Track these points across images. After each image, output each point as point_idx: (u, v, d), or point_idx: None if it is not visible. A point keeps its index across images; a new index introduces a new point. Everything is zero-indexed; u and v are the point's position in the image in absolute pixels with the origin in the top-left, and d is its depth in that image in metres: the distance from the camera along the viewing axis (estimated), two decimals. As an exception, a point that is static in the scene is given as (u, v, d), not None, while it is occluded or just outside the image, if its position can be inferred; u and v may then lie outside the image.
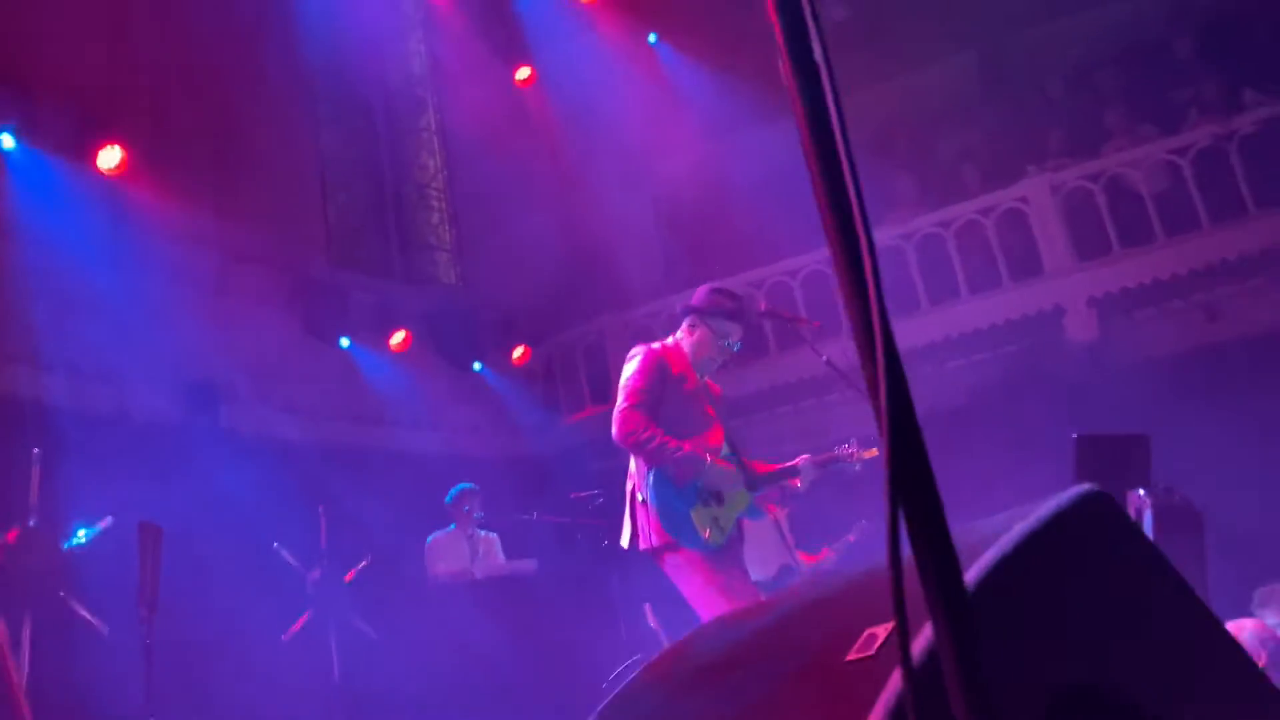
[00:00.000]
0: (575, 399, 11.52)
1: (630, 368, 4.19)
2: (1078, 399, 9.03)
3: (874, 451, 4.59)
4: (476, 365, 11.08)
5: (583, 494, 8.17)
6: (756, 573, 6.41)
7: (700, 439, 4.14)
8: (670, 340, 4.43)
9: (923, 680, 0.77)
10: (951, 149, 11.67)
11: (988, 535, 1.06)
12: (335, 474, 8.67)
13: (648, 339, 4.85)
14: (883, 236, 10.75)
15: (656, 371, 4.15)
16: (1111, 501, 1.16)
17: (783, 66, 1.01)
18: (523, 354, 11.44)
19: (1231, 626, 3.85)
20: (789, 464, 4.42)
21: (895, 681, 0.85)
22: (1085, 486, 1.16)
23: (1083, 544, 1.12)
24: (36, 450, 4.66)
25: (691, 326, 4.36)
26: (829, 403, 10.40)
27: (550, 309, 11.59)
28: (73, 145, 8.13)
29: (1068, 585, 1.09)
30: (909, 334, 10.33)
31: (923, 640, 0.87)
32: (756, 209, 11.28)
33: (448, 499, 7.80)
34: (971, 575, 0.97)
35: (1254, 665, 1.28)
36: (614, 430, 4.04)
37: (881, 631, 1.00)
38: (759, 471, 4.35)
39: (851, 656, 0.95)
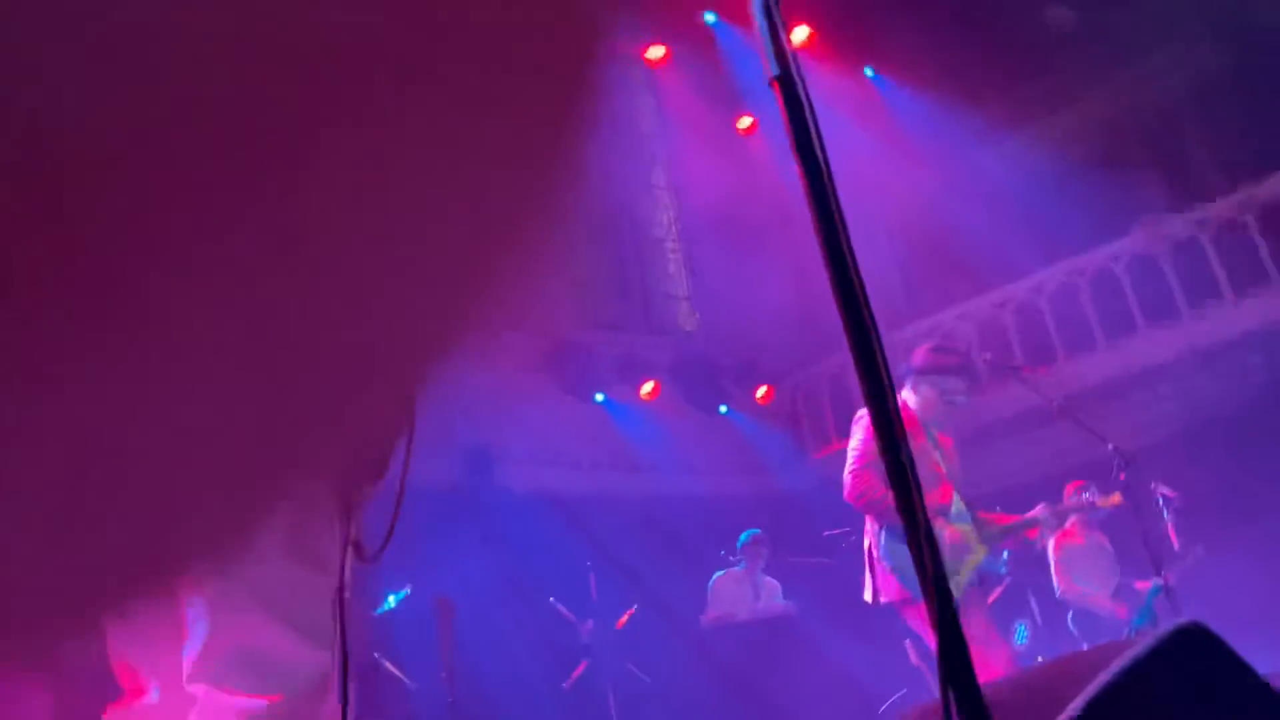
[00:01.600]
0: (821, 434, 11.69)
1: (858, 431, 4.39)
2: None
3: (1116, 498, 4.58)
4: (723, 408, 11.47)
5: (835, 531, 8.33)
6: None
7: (931, 496, 4.28)
8: (899, 397, 4.57)
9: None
10: (1195, 145, 11.02)
11: (1081, 674, 1.24)
12: (599, 522, 9.29)
13: (891, 370, 4.97)
14: (1134, 244, 10.34)
15: None
16: (1209, 634, 1.31)
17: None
18: (766, 393, 11.73)
19: None
20: (1028, 515, 4.47)
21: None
22: (1183, 621, 1.32)
23: (1179, 678, 1.27)
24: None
25: (915, 386, 4.50)
26: (1036, 439, 10.03)
27: (791, 346, 11.83)
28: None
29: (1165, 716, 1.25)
30: (1170, 343, 9.86)
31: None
32: (992, 226, 11.10)
33: (740, 543, 8.12)
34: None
35: None
36: (845, 492, 4.26)
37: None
38: (997, 523, 4.43)
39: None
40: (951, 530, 4.24)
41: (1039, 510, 4.49)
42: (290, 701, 1.37)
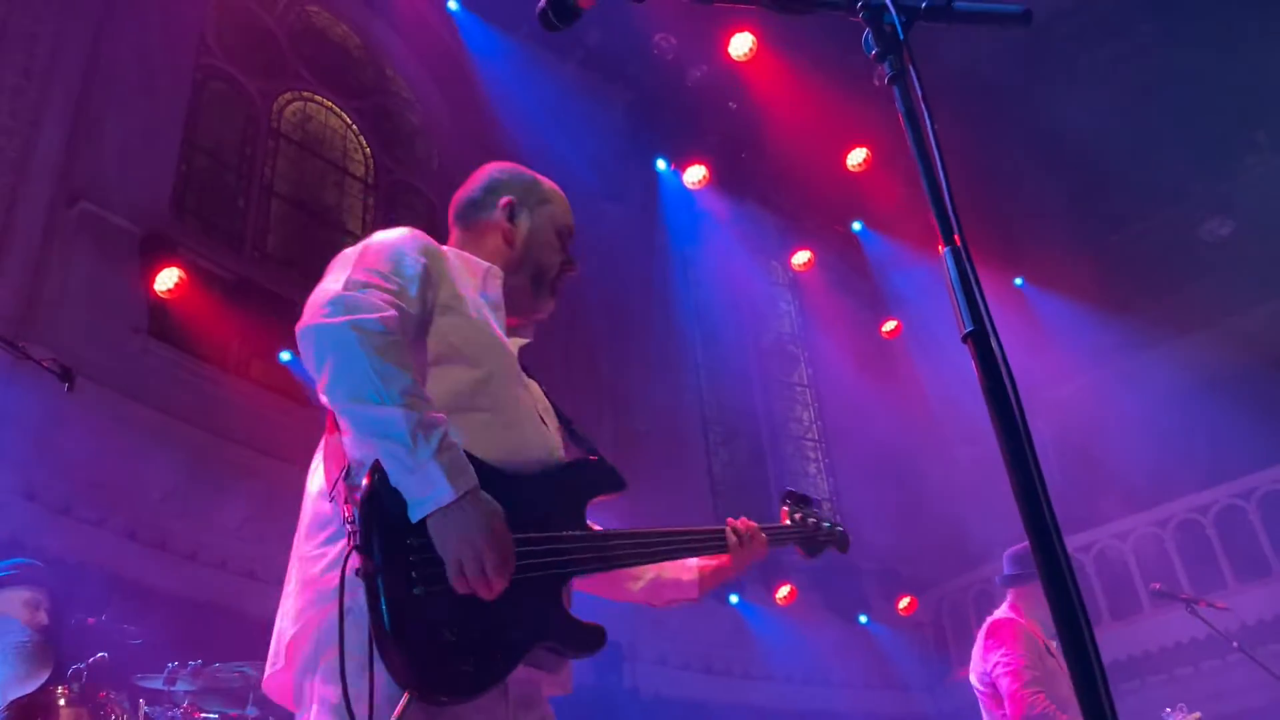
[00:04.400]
0: (967, 652, 11.04)
1: (1003, 640, 4.10)
2: None
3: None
4: (863, 618, 11.02)
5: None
6: None
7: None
8: (1014, 616, 4.27)
9: None
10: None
11: None
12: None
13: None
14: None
15: (1028, 642, 4.06)
16: None
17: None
18: (909, 604, 11.24)
19: None
20: None
21: None
22: None
23: None
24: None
25: (1018, 597, 4.22)
26: (1205, 670, 9.26)
27: (936, 556, 11.40)
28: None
29: None
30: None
31: None
32: (1149, 438, 10.66)
33: None
34: None
35: None
36: (1011, 711, 3.96)
37: None
38: None
39: None
40: None
41: None
42: None
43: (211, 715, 4.40)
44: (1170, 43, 10.23)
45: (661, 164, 11.41)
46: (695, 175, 11.13)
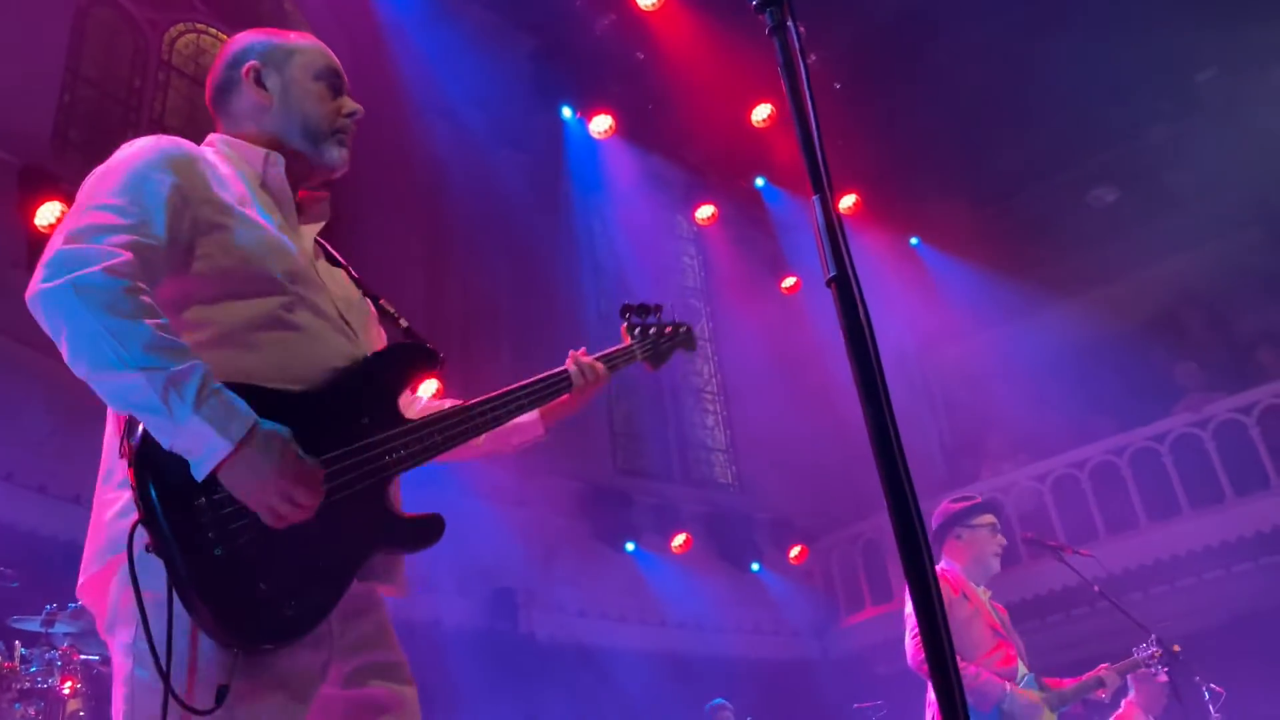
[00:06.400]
0: (854, 600, 11.43)
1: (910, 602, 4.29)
2: None
3: (1175, 648, 4.54)
4: (755, 565, 11.29)
5: (866, 704, 8.08)
6: None
7: (989, 660, 4.18)
8: (941, 565, 4.48)
9: None
10: (1246, 329, 11.02)
11: None
12: (623, 677, 9.07)
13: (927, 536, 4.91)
14: (1175, 424, 10.24)
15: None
16: None
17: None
18: (799, 553, 11.54)
19: None
20: (1091, 675, 4.37)
21: None
22: None
23: None
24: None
25: (954, 540, 4.43)
26: (1076, 616, 9.78)
27: (827, 506, 11.71)
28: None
29: None
30: (1213, 529, 9.65)
31: None
32: (1034, 397, 11.07)
33: (707, 708, 8.05)
34: None
35: None
36: (909, 658, 4.13)
37: None
38: (1061, 687, 4.31)
39: None
40: (1024, 693, 4.13)
41: (1102, 669, 4.40)
42: None
43: (92, 657, 4.33)
44: (1072, 15, 10.48)
45: (567, 112, 11.31)
46: (601, 125, 11.05)
